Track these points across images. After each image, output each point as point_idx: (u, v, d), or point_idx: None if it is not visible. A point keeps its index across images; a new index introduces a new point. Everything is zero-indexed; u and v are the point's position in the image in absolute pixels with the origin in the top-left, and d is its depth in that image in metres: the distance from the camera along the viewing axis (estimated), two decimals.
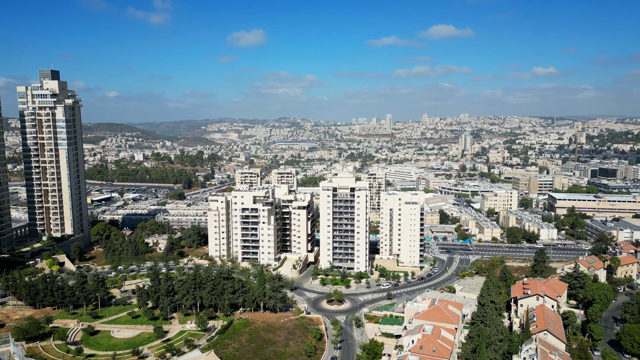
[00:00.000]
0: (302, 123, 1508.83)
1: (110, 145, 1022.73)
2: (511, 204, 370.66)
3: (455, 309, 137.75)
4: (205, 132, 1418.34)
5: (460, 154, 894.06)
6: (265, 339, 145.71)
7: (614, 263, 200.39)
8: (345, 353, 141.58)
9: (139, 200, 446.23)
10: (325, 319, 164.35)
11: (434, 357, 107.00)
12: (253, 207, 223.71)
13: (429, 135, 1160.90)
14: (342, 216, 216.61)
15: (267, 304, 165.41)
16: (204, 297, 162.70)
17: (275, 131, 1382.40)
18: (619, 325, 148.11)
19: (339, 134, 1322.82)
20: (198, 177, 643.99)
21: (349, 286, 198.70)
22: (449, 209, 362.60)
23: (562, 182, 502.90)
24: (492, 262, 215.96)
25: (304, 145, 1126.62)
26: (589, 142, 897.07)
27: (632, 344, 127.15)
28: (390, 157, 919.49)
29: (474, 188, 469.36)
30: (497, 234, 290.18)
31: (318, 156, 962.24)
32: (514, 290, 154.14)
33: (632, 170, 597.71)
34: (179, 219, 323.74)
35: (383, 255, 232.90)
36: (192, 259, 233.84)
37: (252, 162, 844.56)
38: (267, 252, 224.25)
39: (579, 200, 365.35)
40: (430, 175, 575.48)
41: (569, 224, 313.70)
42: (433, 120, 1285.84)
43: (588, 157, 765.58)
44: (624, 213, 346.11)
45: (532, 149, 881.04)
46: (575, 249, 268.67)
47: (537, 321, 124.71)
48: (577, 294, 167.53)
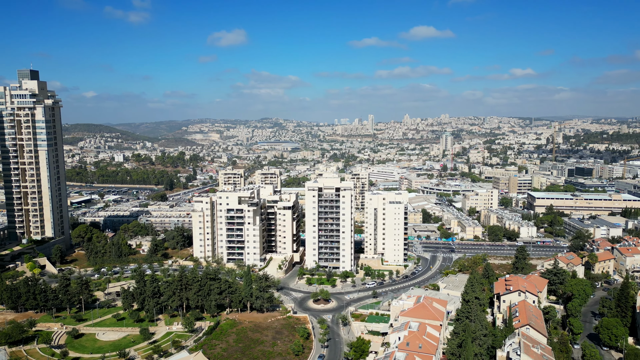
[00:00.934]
0: (285, 123, 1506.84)
1: (88, 146, 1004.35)
2: (492, 203, 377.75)
3: (440, 306, 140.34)
4: (187, 132, 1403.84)
5: (442, 154, 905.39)
6: (253, 338, 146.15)
7: (591, 259, 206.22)
8: (332, 351, 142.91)
9: (120, 202, 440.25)
10: (312, 318, 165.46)
11: (420, 353, 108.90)
12: (238, 208, 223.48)
13: (411, 136, 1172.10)
14: (327, 216, 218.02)
15: (254, 304, 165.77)
16: (191, 298, 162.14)
17: (258, 132, 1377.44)
18: (597, 319, 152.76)
19: (322, 135, 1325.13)
20: (180, 178, 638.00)
21: (334, 285, 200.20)
22: (431, 209, 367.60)
23: (540, 181, 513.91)
24: (474, 260, 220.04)
25: (287, 145, 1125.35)
26: (565, 142, 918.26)
27: (610, 337, 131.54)
28: (373, 157, 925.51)
29: (456, 187, 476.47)
30: (479, 232, 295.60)
31: (301, 157, 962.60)
32: (497, 287, 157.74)
33: (607, 170, 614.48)
34: (162, 220, 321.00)
35: (368, 254, 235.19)
36: (176, 261, 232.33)
37: (234, 162, 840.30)
38: (253, 252, 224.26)
39: (557, 199, 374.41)
40: (412, 175, 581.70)
41: (547, 222, 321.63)
42: (414, 121, 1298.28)
43: (565, 156, 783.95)
44: (600, 211, 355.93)
45: (511, 149, 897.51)
46: (554, 246, 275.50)
47: (520, 316, 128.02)
48: (556, 289, 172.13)
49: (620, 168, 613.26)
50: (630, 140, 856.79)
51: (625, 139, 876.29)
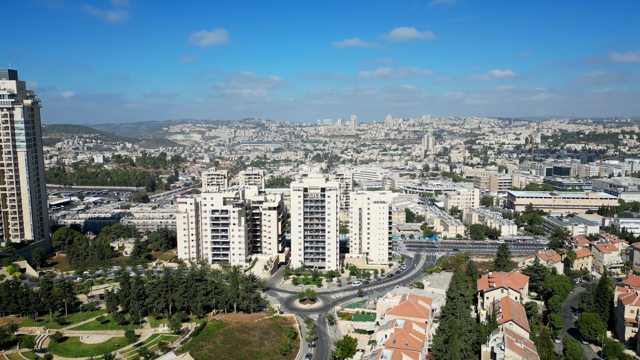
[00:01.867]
0: (267, 124, 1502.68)
1: (66, 147, 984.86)
2: (473, 202, 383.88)
3: (425, 304, 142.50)
4: (168, 133, 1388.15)
5: (423, 154, 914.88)
6: (240, 339, 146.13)
7: (570, 256, 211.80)
8: (319, 350, 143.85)
9: (100, 204, 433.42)
10: (298, 317, 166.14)
11: (407, 350, 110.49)
12: (223, 209, 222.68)
13: (393, 136, 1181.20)
14: (312, 216, 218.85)
15: (241, 304, 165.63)
16: (176, 299, 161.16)
17: (240, 132, 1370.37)
18: (576, 314, 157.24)
19: (305, 135, 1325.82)
20: (162, 180, 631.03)
21: (320, 285, 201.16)
22: (414, 208, 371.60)
23: (520, 180, 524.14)
24: (457, 258, 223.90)
25: (270, 146, 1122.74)
26: (544, 142, 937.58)
27: (590, 332, 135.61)
28: (356, 157, 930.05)
29: (438, 187, 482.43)
30: (461, 231, 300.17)
31: (284, 157, 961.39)
32: (480, 284, 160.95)
33: (584, 169, 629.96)
34: (145, 222, 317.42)
35: (353, 253, 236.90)
36: (161, 262, 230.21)
37: (217, 163, 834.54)
38: (238, 253, 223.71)
39: (536, 198, 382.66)
40: (395, 175, 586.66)
41: (527, 221, 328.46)
42: (396, 121, 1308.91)
43: (543, 156, 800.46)
44: (577, 209, 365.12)
45: (492, 149, 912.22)
46: (534, 244, 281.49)
47: (503, 312, 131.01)
48: (537, 286, 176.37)
49: (596, 167, 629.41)
50: (606, 140, 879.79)
51: (601, 138, 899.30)
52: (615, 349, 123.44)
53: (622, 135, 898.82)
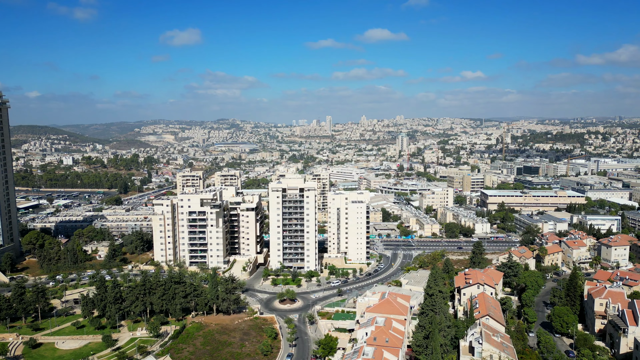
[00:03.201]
0: (242, 124, 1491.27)
1: (33, 149, 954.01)
2: (447, 201, 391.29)
3: (404, 301, 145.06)
4: (139, 134, 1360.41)
5: (398, 154, 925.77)
6: (221, 341, 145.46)
7: (541, 252, 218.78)
8: (300, 350, 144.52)
9: (71, 207, 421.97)
10: (279, 318, 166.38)
11: (387, 347, 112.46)
12: (200, 210, 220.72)
13: (368, 137, 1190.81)
14: (291, 216, 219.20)
15: (221, 306, 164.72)
16: (155, 302, 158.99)
17: (214, 133, 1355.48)
18: (549, 308, 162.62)
19: (280, 136, 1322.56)
20: (134, 182, 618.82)
21: (300, 285, 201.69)
22: (390, 207, 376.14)
23: (492, 179, 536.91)
24: (433, 256, 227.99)
25: (245, 147, 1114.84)
26: (513, 142, 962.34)
27: (562, 325, 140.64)
28: (332, 158, 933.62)
29: (413, 187, 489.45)
30: (437, 229, 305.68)
31: (260, 158, 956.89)
32: (457, 281, 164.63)
33: (552, 168, 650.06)
34: (119, 224, 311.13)
35: (331, 253, 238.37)
36: (137, 265, 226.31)
37: (191, 164, 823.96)
38: (216, 255, 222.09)
39: (507, 196, 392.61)
40: (371, 175, 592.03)
41: (500, 218, 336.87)
42: (371, 122, 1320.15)
43: (513, 156, 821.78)
44: (547, 207, 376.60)
45: (464, 149, 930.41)
46: (506, 241, 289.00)
47: (479, 307, 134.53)
48: (511, 281, 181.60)
49: (564, 166, 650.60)
50: (572, 140, 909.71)
51: (567, 138, 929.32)
52: (586, 340, 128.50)
53: (588, 135, 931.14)
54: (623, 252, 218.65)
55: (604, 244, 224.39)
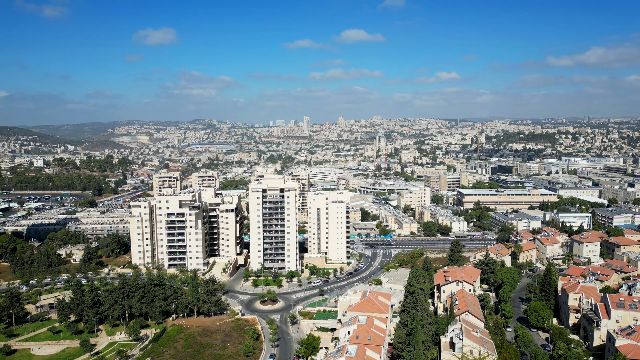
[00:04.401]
0: (219, 125, 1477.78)
1: (2, 150, 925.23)
2: (425, 200, 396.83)
3: (385, 300, 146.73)
4: (113, 135, 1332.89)
5: (375, 154, 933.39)
6: (202, 343, 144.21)
7: (517, 249, 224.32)
8: (283, 350, 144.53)
9: (43, 210, 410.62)
10: (260, 319, 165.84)
11: (370, 345, 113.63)
12: (179, 212, 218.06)
13: (345, 137, 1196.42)
14: (272, 217, 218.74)
15: (201, 308, 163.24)
16: (134, 305, 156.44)
17: (190, 133, 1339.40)
18: (524, 304, 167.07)
19: (257, 136, 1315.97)
20: (109, 183, 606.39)
21: (281, 286, 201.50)
22: (369, 207, 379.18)
23: (467, 179, 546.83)
24: (412, 255, 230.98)
25: (222, 147, 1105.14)
26: (488, 142, 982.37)
27: (537, 319, 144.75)
28: (310, 158, 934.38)
29: (390, 187, 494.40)
30: (415, 228, 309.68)
31: (237, 158, 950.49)
32: (436, 278, 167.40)
33: (525, 167, 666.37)
34: (94, 227, 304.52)
35: (312, 253, 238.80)
36: (114, 269, 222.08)
37: (167, 165, 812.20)
38: (195, 257, 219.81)
39: (483, 195, 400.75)
40: (349, 176, 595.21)
41: (476, 217, 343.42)
42: (348, 123, 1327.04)
43: (488, 155, 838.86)
44: (520, 205, 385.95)
45: (440, 149, 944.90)
46: (483, 239, 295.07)
47: (459, 304, 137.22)
48: (488, 278, 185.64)
49: (536, 165, 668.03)
50: (544, 140, 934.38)
51: (539, 138, 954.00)
52: (561, 334, 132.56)
53: (559, 135, 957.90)
54: (594, 248, 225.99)
55: (576, 241, 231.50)
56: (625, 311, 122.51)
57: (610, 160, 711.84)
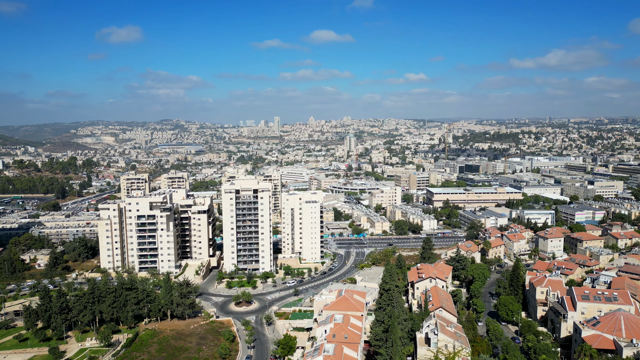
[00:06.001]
0: (187, 125, 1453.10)
1: None
2: (396, 199, 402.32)
3: (360, 298, 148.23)
4: (76, 136, 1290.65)
5: (346, 154, 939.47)
6: (176, 346, 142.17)
7: (486, 246, 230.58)
8: (259, 351, 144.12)
9: (4, 214, 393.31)
10: (235, 320, 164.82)
11: (347, 343, 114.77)
12: (150, 214, 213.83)
13: (316, 137, 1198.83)
14: (245, 218, 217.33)
15: (175, 311, 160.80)
16: (105, 310, 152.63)
17: (158, 134, 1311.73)
18: (494, 298, 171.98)
19: (227, 137, 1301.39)
20: (73, 186, 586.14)
21: (255, 287, 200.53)
22: (341, 207, 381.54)
23: (436, 178, 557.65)
24: (385, 253, 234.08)
25: (191, 148, 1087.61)
26: (455, 141, 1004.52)
27: (507, 313, 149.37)
28: (281, 159, 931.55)
29: (362, 186, 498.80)
30: (387, 227, 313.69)
31: (206, 159, 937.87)
32: (410, 276, 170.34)
33: (491, 166, 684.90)
34: (59, 231, 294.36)
35: (286, 254, 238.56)
36: (81, 273, 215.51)
37: (133, 167, 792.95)
38: (167, 259, 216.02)
39: (451, 194, 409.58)
40: (321, 176, 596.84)
41: (445, 215, 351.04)
42: (319, 123, 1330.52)
43: (455, 155, 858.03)
44: (487, 203, 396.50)
45: (409, 149, 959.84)
46: (452, 237, 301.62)
47: (433, 300, 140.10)
48: (459, 274, 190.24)
49: (501, 164, 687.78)
50: (508, 140, 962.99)
51: (504, 138, 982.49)
52: (530, 327, 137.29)
53: (522, 135, 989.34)
54: (558, 244, 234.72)
55: (541, 237, 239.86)
56: (590, 303, 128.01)
57: (570, 159, 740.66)
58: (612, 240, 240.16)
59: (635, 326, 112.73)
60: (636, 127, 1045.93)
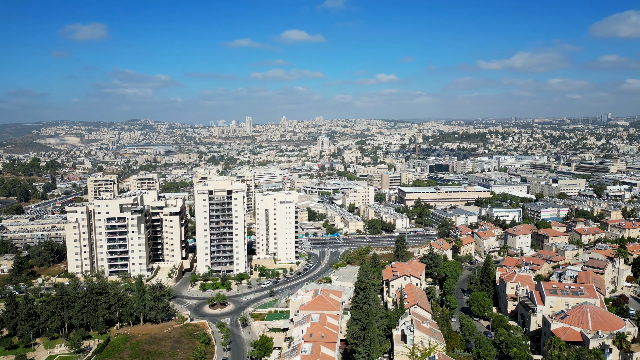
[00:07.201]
0: (156, 125, 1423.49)
1: None
2: (369, 199, 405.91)
3: (336, 297, 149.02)
4: (39, 136, 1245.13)
5: (319, 155, 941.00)
6: (150, 351, 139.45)
7: (457, 244, 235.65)
8: (235, 353, 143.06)
9: None
10: (210, 323, 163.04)
11: (324, 342, 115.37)
12: (120, 216, 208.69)
13: (289, 138, 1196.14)
14: (219, 219, 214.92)
15: (148, 315, 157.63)
16: (74, 316, 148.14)
17: (125, 134, 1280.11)
18: (466, 295, 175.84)
19: (198, 137, 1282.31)
20: (36, 188, 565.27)
21: (230, 288, 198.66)
22: (315, 207, 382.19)
23: (407, 177, 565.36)
24: (359, 252, 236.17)
25: (160, 149, 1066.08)
26: (425, 141, 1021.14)
27: (479, 309, 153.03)
28: (253, 159, 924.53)
29: (335, 186, 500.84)
30: (360, 226, 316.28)
31: (176, 160, 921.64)
32: (385, 274, 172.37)
33: (460, 165, 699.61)
34: (22, 235, 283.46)
35: (260, 254, 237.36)
36: (48, 278, 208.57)
37: (100, 168, 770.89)
38: (139, 262, 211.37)
39: (423, 193, 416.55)
40: (294, 176, 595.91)
41: (417, 214, 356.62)
42: (291, 123, 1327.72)
43: (425, 155, 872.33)
44: (458, 201, 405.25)
45: (380, 149, 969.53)
46: (424, 235, 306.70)
47: (408, 297, 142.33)
48: (433, 272, 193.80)
49: (470, 164, 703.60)
50: (476, 140, 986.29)
51: (472, 138, 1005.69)
52: (501, 321, 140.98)
53: (489, 135, 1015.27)
54: (526, 240, 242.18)
55: (510, 234, 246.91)
56: (558, 297, 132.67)
57: (535, 158, 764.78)
58: (576, 236, 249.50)
59: (601, 318, 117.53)
60: (597, 127, 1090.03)
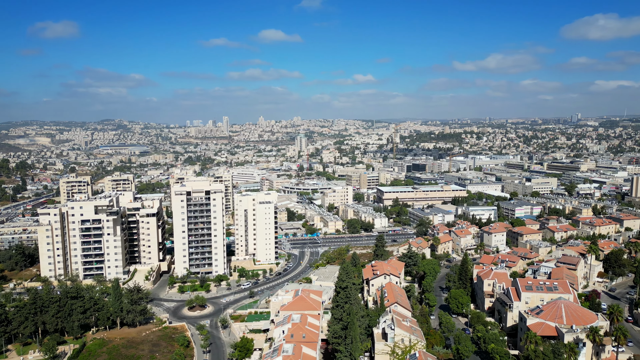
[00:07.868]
0: (130, 125, 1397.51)
1: None
2: (347, 198, 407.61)
3: (317, 297, 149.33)
4: (8, 137, 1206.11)
5: (297, 155, 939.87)
6: (128, 355, 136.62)
7: (435, 242, 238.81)
8: (215, 355, 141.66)
9: None
10: (189, 325, 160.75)
11: (305, 342, 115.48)
12: (95, 218, 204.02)
13: (266, 138, 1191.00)
14: (197, 220, 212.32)
15: (125, 318, 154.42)
16: (48, 321, 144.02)
17: (98, 135, 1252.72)
18: (445, 292, 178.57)
19: (173, 137, 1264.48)
20: (5, 190, 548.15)
21: (209, 290, 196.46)
22: (294, 207, 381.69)
23: (385, 177, 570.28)
24: (339, 252, 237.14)
25: (134, 149, 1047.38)
26: (402, 141, 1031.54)
27: (457, 306, 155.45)
28: (231, 159, 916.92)
29: (314, 186, 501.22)
30: (340, 226, 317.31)
31: (152, 160, 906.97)
32: (365, 273, 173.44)
33: (437, 165, 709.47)
34: None
35: (239, 255, 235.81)
36: (20, 283, 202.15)
37: (73, 169, 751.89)
38: (115, 265, 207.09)
39: (401, 192, 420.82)
40: (273, 176, 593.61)
41: (395, 213, 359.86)
42: (269, 123, 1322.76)
43: (403, 154, 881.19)
44: (434, 200, 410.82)
45: (358, 149, 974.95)
46: (403, 234, 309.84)
47: (388, 296, 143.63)
48: (411, 270, 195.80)
49: (446, 163, 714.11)
50: (452, 139, 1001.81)
51: (448, 138, 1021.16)
52: (479, 318, 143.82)
53: (465, 135, 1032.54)
54: (501, 238, 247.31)
55: (486, 232, 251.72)
56: (533, 293, 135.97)
57: (509, 158, 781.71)
58: (549, 234, 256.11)
59: (575, 313, 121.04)
60: (567, 127, 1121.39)
